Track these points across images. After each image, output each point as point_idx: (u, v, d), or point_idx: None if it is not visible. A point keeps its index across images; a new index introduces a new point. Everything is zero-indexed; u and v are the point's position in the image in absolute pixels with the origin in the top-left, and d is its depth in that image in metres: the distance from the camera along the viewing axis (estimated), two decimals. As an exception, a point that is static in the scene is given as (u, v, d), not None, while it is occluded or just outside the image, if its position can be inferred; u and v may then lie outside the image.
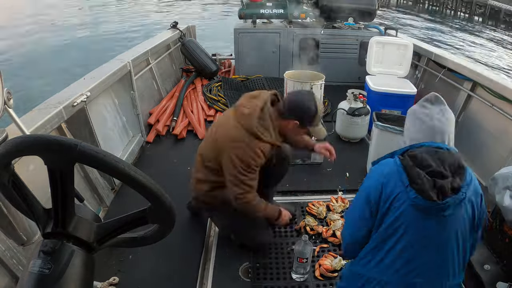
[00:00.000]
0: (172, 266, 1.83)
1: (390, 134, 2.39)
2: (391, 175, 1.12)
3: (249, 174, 1.62)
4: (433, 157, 1.09)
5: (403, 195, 1.08)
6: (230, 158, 1.60)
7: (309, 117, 1.68)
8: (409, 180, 1.07)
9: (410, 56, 3.52)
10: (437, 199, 1.04)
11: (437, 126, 1.14)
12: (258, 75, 4.40)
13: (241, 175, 1.61)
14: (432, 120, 1.15)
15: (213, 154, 1.72)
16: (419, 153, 1.11)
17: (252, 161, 1.60)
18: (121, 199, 2.33)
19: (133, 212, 0.82)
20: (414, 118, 1.20)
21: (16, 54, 10.49)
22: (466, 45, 14.30)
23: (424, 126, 1.16)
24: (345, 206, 2.25)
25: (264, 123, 1.62)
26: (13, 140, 0.70)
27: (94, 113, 2.32)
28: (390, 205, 1.10)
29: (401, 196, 1.08)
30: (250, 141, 1.59)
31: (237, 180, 1.62)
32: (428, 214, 1.06)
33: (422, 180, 1.06)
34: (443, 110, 1.17)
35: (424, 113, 1.17)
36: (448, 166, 1.08)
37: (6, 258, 1.44)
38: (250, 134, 1.59)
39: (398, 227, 1.09)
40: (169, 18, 14.99)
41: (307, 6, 4.67)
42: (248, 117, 1.60)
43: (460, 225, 1.10)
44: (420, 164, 1.08)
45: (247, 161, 1.59)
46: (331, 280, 1.75)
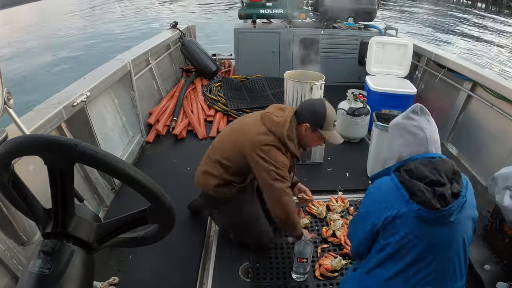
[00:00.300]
0: (172, 266, 1.83)
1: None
2: (390, 194, 1.12)
3: (284, 169, 1.69)
4: (428, 168, 1.09)
5: (406, 210, 1.08)
6: (263, 159, 1.66)
7: (318, 119, 1.75)
8: (409, 194, 1.07)
9: (410, 56, 3.52)
10: (440, 207, 1.04)
11: (429, 137, 1.15)
12: (258, 75, 4.40)
13: (280, 170, 1.67)
14: (424, 132, 1.15)
15: (233, 155, 1.77)
16: (413, 166, 1.11)
17: (284, 160, 1.70)
18: (121, 199, 2.34)
19: (133, 212, 0.82)
20: (402, 132, 1.19)
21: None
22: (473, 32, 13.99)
23: (416, 138, 1.15)
24: (345, 206, 2.25)
25: (291, 134, 1.73)
26: (13, 140, 0.70)
27: (94, 113, 2.32)
28: (395, 224, 1.10)
29: (403, 212, 1.08)
30: (281, 146, 1.70)
31: (278, 175, 1.67)
32: (434, 223, 1.06)
33: (422, 191, 1.05)
34: (429, 120, 1.18)
35: (414, 125, 1.16)
36: (445, 174, 1.08)
37: (6, 258, 1.44)
38: (279, 141, 1.69)
39: (406, 243, 1.09)
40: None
41: (307, 6, 4.68)
42: (280, 126, 1.70)
43: (466, 228, 1.11)
44: (417, 176, 1.09)
45: (280, 159, 1.68)
46: (331, 280, 1.75)
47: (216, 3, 20.92)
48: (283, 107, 1.82)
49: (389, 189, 1.13)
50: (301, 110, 1.79)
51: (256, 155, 1.67)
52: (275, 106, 1.83)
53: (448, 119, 3.18)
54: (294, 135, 1.75)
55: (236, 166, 1.78)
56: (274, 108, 1.80)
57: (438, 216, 1.05)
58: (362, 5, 4.30)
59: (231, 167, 1.79)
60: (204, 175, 1.87)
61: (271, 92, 4.05)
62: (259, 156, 1.66)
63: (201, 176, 1.90)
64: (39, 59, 10.21)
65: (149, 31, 11.90)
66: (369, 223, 1.18)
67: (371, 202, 1.21)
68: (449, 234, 1.09)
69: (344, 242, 1.95)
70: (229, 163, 1.78)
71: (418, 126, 1.15)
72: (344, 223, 2.08)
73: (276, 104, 1.85)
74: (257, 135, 1.70)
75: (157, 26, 13.26)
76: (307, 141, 1.82)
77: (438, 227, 1.07)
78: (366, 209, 1.22)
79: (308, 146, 1.88)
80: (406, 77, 3.56)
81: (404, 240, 1.10)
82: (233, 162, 1.78)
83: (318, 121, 1.75)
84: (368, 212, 1.20)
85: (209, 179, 1.84)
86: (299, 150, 1.82)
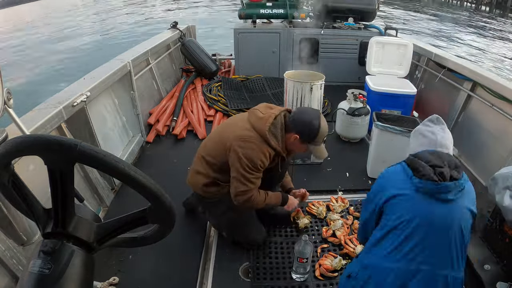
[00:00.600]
0: (172, 266, 1.83)
1: (390, 134, 2.40)
2: (397, 175, 1.27)
3: (254, 172, 1.68)
4: (433, 155, 1.23)
5: (408, 185, 1.21)
6: (238, 156, 1.65)
7: (310, 133, 1.70)
8: (413, 171, 1.21)
9: (410, 56, 3.53)
10: (439, 181, 1.16)
11: (439, 140, 1.29)
12: (258, 75, 4.40)
13: (247, 173, 1.67)
14: (435, 135, 1.30)
15: (216, 151, 1.78)
16: (421, 154, 1.26)
17: (259, 161, 1.66)
18: (121, 199, 2.34)
19: (133, 212, 0.82)
20: (417, 135, 1.35)
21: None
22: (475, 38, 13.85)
23: (427, 139, 1.30)
24: (345, 206, 2.25)
25: (274, 130, 1.70)
26: (13, 140, 0.70)
27: (94, 113, 2.32)
28: (397, 200, 1.22)
29: (406, 187, 1.21)
30: (260, 143, 1.67)
31: (243, 177, 1.67)
32: (434, 199, 1.17)
33: (423, 167, 1.19)
34: (443, 128, 1.32)
35: (427, 130, 1.32)
36: (447, 162, 1.21)
37: (6, 258, 1.44)
38: (260, 136, 1.67)
39: (404, 216, 1.19)
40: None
41: (307, 6, 4.67)
42: (262, 121, 1.69)
43: (464, 217, 1.19)
44: (420, 158, 1.23)
45: (254, 160, 1.65)
46: (331, 280, 1.75)
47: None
48: (273, 106, 1.80)
49: (396, 172, 1.28)
50: (294, 119, 1.73)
51: (233, 151, 1.66)
52: (264, 104, 1.83)
53: (448, 119, 3.18)
54: (279, 132, 1.70)
55: (220, 162, 1.77)
56: (263, 106, 1.80)
57: (437, 187, 1.16)
58: (362, 5, 4.30)
59: (216, 164, 1.79)
60: (194, 174, 1.89)
61: (271, 92, 4.05)
62: (235, 151, 1.65)
63: (192, 175, 1.91)
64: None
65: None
66: (373, 203, 1.30)
67: (378, 184, 1.34)
68: (447, 214, 1.18)
69: (344, 242, 1.95)
70: (215, 161, 1.79)
71: (432, 131, 1.31)
72: (344, 223, 2.08)
73: (266, 103, 1.84)
74: (239, 130, 1.70)
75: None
76: (291, 148, 1.79)
77: (436, 205, 1.18)
78: (373, 191, 1.35)
79: (293, 152, 1.86)
80: (406, 77, 3.56)
81: (404, 216, 1.19)
82: (217, 159, 1.78)
83: (309, 136, 1.71)
84: (374, 194, 1.32)
85: (198, 178, 1.85)
86: (283, 148, 1.76)
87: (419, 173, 1.19)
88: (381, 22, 5.73)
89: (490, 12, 20.01)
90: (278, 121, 1.71)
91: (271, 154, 1.70)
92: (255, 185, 1.71)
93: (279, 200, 1.88)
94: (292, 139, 1.73)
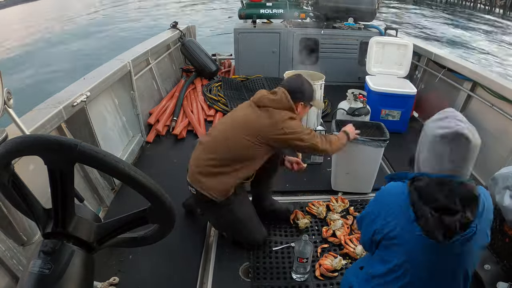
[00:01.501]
0: (172, 266, 1.83)
1: (352, 145, 2.17)
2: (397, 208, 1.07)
3: (304, 130, 1.84)
4: (443, 190, 1.00)
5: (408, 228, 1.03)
6: (290, 134, 1.76)
7: (310, 95, 1.93)
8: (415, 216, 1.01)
9: (410, 56, 3.52)
10: (443, 239, 0.98)
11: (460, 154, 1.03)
12: (258, 75, 4.40)
13: (304, 134, 1.81)
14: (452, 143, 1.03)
15: (225, 151, 1.75)
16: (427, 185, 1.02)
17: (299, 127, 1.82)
18: (121, 199, 2.33)
19: (133, 212, 0.82)
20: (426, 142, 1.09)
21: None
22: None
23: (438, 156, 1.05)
24: (345, 206, 2.25)
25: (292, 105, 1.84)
26: (13, 140, 0.70)
27: (94, 113, 2.32)
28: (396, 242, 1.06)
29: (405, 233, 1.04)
30: (293, 116, 1.81)
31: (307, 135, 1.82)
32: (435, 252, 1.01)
33: (427, 218, 0.99)
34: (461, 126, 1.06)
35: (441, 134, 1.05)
36: (459, 199, 0.99)
37: (6, 258, 1.44)
38: (290, 111, 1.81)
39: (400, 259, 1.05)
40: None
41: (307, 6, 4.67)
42: (282, 100, 1.81)
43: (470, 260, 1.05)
44: (427, 198, 1.01)
45: (299, 125, 1.84)
46: (331, 280, 1.75)
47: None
48: (272, 91, 1.90)
49: (398, 202, 1.08)
50: (290, 91, 1.85)
51: (282, 134, 1.75)
52: (263, 91, 1.90)
53: None
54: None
55: (247, 159, 1.76)
56: (264, 91, 1.88)
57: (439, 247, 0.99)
58: (362, 5, 4.30)
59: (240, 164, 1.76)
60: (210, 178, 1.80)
61: (271, 92, 4.05)
62: (284, 133, 1.75)
63: (193, 173, 1.83)
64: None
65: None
66: (372, 229, 1.14)
67: (379, 208, 1.16)
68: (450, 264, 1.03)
69: (344, 242, 1.95)
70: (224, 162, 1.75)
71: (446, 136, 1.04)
72: (344, 223, 2.08)
73: (263, 90, 1.91)
74: (269, 119, 1.76)
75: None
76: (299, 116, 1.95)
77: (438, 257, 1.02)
78: (372, 212, 1.18)
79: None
80: (406, 77, 3.56)
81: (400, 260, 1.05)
82: (230, 159, 1.74)
83: (310, 97, 1.94)
84: (374, 217, 1.15)
85: (201, 175, 1.79)
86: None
87: (421, 223, 0.99)
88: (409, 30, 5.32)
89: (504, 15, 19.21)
90: (289, 99, 1.85)
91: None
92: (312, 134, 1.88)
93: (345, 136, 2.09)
94: (299, 108, 1.90)
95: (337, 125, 2.33)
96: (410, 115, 3.35)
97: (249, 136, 1.74)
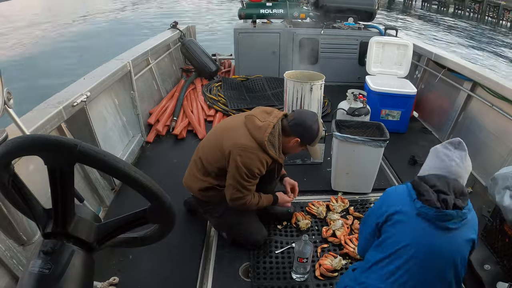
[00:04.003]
0: (172, 266, 1.83)
1: (351, 145, 2.19)
2: (400, 195, 1.25)
3: (251, 180, 1.71)
4: (440, 180, 1.19)
5: (410, 207, 1.19)
6: (236, 165, 1.67)
7: (310, 136, 1.77)
8: (417, 194, 1.19)
9: (410, 56, 3.53)
10: (441, 207, 1.13)
11: (453, 168, 1.21)
12: (258, 75, 4.40)
13: (244, 181, 1.69)
14: (450, 161, 1.22)
15: (213, 156, 1.77)
16: (427, 176, 1.23)
17: (256, 170, 1.69)
18: (121, 199, 2.34)
19: (133, 212, 0.82)
20: (434, 156, 1.28)
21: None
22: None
23: (442, 164, 1.23)
24: (345, 206, 2.25)
25: (273, 139, 1.72)
26: (13, 140, 0.70)
27: (94, 113, 2.32)
28: (396, 218, 1.21)
29: (407, 208, 1.19)
30: (258, 152, 1.68)
31: (239, 184, 1.70)
32: (433, 223, 1.14)
33: (427, 191, 1.16)
34: (462, 156, 1.23)
35: (445, 153, 1.24)
36: (453, 189, 1.17)
37: (6, 258, 1.44)
38: (259, 146, 1.69)
39: (401, 242, 1.18)
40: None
41: (307, 6, 4.68)
42: (260, 131, 1.70)
43: (462, 248, 1.17)
44: (426, 182, 1.20)
45: (252, 169, 1.68)
46: (331, 280, 1.75)
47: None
48: (269, 111, 1.81)
49: (401, 191, 1.26)
50: (295, 123, 1.75)
51: (232, 159, 1.68)
52: (261, 108, 1.83)
53: (448, 119, 3.18)
54: (276, 140, 1.72)
55: (217, 168, 1.78)
56: (259, 111, 1.80)
57: (438, 214, 1.13)
58: (362, 5, 4.31)
59: (212, 170, 1.79)
60: (191, 178, 1.89)
61: (271, 92, 4.05)
62: (234, 160, 1.67)
63: (189, 178, 1.92)
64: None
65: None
66: (374, 220, 1.28)
67: (381, 201, 1.32)
68: (445, 245, 1.15)
69: (344, 242, 1.95)
70: (211, 167, 1.79)
71: (449, 157, 1.22)
72: (344, 223, 2.08)
73: (262, 107, 1.85)
74: (238, 139, 1.70)
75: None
76: (290, 151, 1.85)
77: (435, 233, 1.14)
78: (375, 206, 1.35)
79: (289, 153, 1.90)
80: (406, 77, 3.56)
81: (401, 242, 1.17)
82: (213, 165, 1.78)
83: (309, 139, 1.78)
84: (376, 209, 1.31)
85: (195, 182, 1.86)
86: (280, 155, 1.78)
87: (422, 197, 1.16)
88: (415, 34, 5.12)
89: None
90: (276, 129, 1.73)
91: (268, 162, 1.73)
92: (250, 192, 1.76)
93: (271, 201, 1.91)
94: (292, 142, 1.77)
95: (337, 125, 2.34)
96: (410, 115, 3.35)
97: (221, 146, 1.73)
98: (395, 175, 2.66)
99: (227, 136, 1.75)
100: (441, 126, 3.29)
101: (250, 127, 1.72)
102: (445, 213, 1.12)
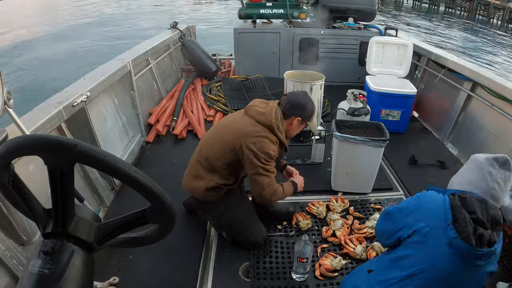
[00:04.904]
0: (172, 266, 1.83)
1: (351, 145, 2.19)
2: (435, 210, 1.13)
3: (270, 162, 1.75)
4: (481, 205, 1.09)
5: (441, 233, 1.08)
6: (253, 153, 1.70)
7: (308, 112, 1.90)
8: (453, 219, 1.08)
9: (410, 56, 3.53)
10: (475, 245, 1.04)
11: (495, 192, 1.13)
12: (258, 75, 4.40)
13: (265, 165, 1.73)
14: (493, 183, 1.13)
15: (222, 153, 1.78)
16: (469, 198, 1.11)
17: (272, 152, 1.74)
18: (121, 199, 2.33)
19: (133, 212, 0.82)
20: (474, 168, 1.18)
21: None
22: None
23: (483, 184, 1.14)
24: (345, 206, 2.25)
25: (277, 123, 1.79)
26: (13, 140, 0.70)
27: (94, 113, 2.32)
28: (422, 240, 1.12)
29: (438, 234, 1.09)
30: (268, 134, 1.75)
31: (264, 169, 1.73)
32: (460, 259, 1.06)
33: (466, 223, 1.06)
34: (507, 178, 1.14)
35: (488, 171, 1.14)
36: (490, 219, 1.08)
37: (6, 258, 1.44)
38: (267, 128, 1.76)
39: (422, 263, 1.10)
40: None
41: (307, 6, 4.67)
42: (266, 115, 1.77)
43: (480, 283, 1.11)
44: (467, 207, 1.09)
45: (269, 152, 1.73)
46: (331, 280, 1.75)
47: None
48: (265, 101, 1.88)
49: (436, 206, 1.13)
50: (292, 105, 1.84)
51: (246, 147, 1.71)
52: (257, 100, 1.90)
53: (448, 119, 3.18)
54: (280, 123, 1.80)
55: (227, 164, 1.79)
56: (258, 101, 1.87)
57: (470, 253, 1.04)
58: (362, 5, 4.30)
59: (222, 167, 1.80)
60: (193, 179, 1.88)
61: (271, 92, 4.05)
62: (249, 148, 1.70)
63: (190, 180, 1.90)
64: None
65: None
66: (403, 222, 1.19)
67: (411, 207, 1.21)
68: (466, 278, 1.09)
69: (344, 242, 1.95)
70: (220, 163, 1.80)
71: (493, 177, 1.13)
72: (344, 223, 2.08)
73: (257, 99, 1.91)
74: (245, 127, 1.76)
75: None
76: (292, 132, 1.94)
77: (461, 265, 1.07)
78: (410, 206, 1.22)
79: (290, 136, 1.97)
80: (406, 77, 3.56)
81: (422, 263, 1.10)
82: (223, 161, 1.79)
83: (308, 115, 1.90)
84: (403, 216, 1.21)
85: (199, 183, 1.84)
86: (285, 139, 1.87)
87: (459, 225, 1.06)
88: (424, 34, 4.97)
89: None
90: (278, 114, 1.81)
91: (277, 143, 1.79)
92: (274, 173, 1.80)
93: (291, 188, 1.96)
94: (294, 123, 1.87)
95: (337, 125, 2.34)
96: (410, 115, 3.35)
97: (228, 140, 1.76)
98: (395, 175, 2.66)
99: (232, 131, 1.78)
100: (441, 126, 3.29)
101: (254, 115, 1.78)
102: (477, 253, 1.04)
